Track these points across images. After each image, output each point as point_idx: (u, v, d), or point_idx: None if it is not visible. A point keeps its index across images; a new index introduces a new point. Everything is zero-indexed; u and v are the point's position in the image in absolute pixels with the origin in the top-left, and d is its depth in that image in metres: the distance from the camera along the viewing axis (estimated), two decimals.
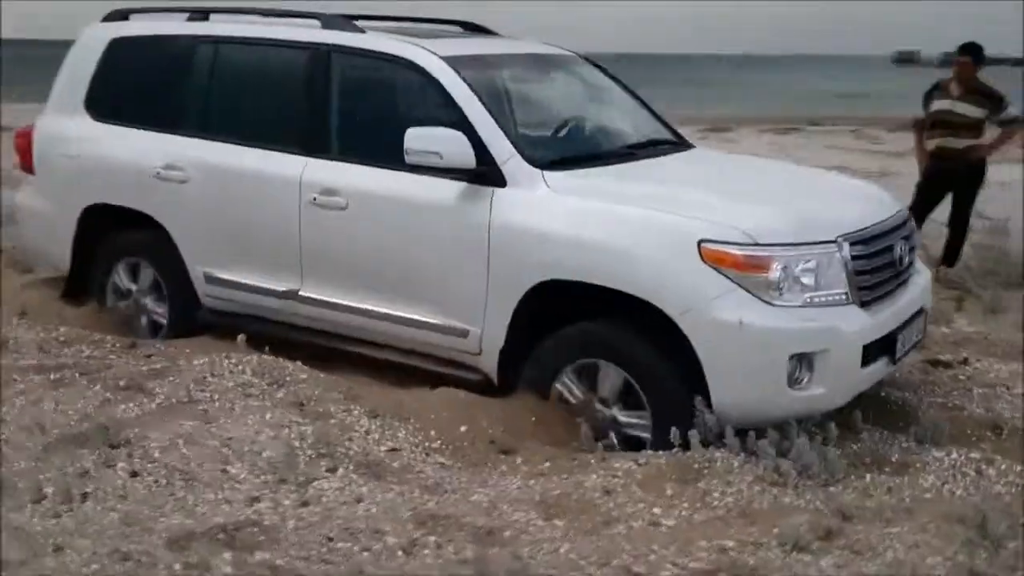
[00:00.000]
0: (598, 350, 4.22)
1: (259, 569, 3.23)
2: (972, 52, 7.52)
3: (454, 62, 4.71)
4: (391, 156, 4.56)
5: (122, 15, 5.93)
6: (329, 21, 5.11)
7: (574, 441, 4.22)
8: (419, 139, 4.36)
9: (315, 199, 4.87)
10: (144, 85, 5.71)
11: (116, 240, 5.76)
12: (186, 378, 4.80)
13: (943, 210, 7.75)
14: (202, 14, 5.65)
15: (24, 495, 3.67)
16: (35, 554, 3.29)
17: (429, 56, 4.74)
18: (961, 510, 3.51)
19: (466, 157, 4.35)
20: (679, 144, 5.41)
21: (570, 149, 4.99)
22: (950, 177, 7.56)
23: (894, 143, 17.25)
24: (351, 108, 5.03)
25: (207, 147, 5.30)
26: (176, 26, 5.69)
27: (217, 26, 5.55)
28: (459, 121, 4.49)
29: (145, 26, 5.83)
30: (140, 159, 5.48)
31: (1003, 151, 8.05)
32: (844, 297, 4.05)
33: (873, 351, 4.10)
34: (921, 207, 7.49)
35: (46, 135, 5.97)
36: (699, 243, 3.95)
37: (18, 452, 4.07)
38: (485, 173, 4.41)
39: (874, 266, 4.22)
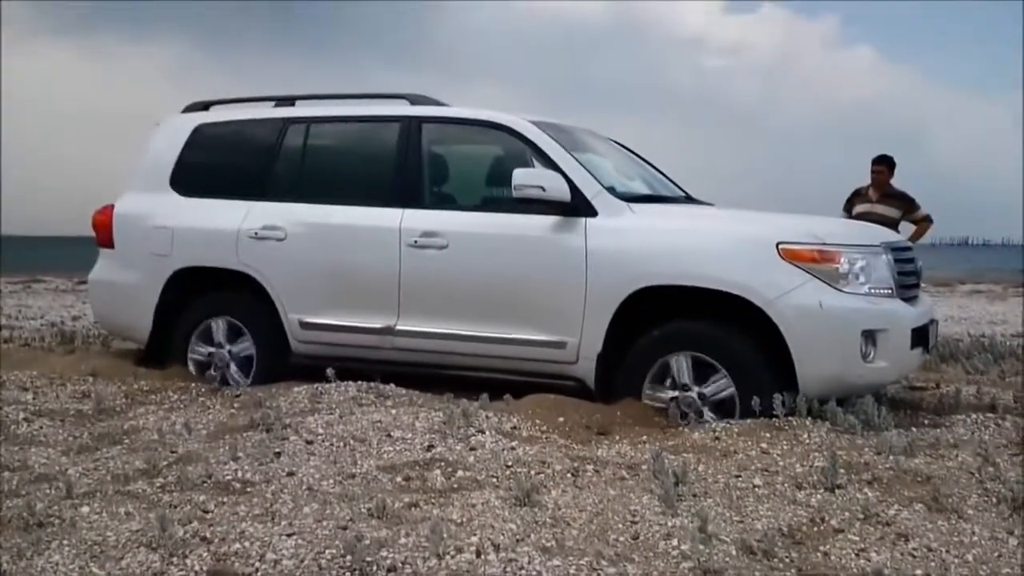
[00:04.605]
0: (692, 344, 4.98)
1: (464, 481, 3.86)
2: (886, 162, 8.88)
3: (540, 125, 5.67)
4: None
5: (203, 106, 6.70)
6: (416, 98, 6.04)
7: (656, 427, 4.95)
8: (525, 176, 5.25)
9: (415, 242, 5.64)
10: (234, 162, 6.44)
11: (203, 301, 6.31)
12: (298, 398, 5.35)
13: None
14: (288, 100, 6.48)
15: (224, 457, 4.21)
16: (272, 477, 3.86)
17: (520, 120, 5.69)
18: (994, 443, 4.43)
19: (563, 191, 5.24)
20: (698, 200, 6.39)
21: (637, 192, 5.89)
22: None
23: None
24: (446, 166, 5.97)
25: (303, 209, 6.03)
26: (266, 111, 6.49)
27: (308, 108, 6.38)
28: (553, 168, 5.39)
29: (230, 113, 6.60)
30: (236, 224, 6.15)
31: (917, 245, 9.38)
32: (891, 292, 5.01)
33: (917, 336, 5.03)
34: None
35: (128, 212, 6.57)
36: (777, 244, 4.88)
37: (187, 442, 4.60)
38: (578, 206, 5.29)
39: (906, 270, 5.23)
